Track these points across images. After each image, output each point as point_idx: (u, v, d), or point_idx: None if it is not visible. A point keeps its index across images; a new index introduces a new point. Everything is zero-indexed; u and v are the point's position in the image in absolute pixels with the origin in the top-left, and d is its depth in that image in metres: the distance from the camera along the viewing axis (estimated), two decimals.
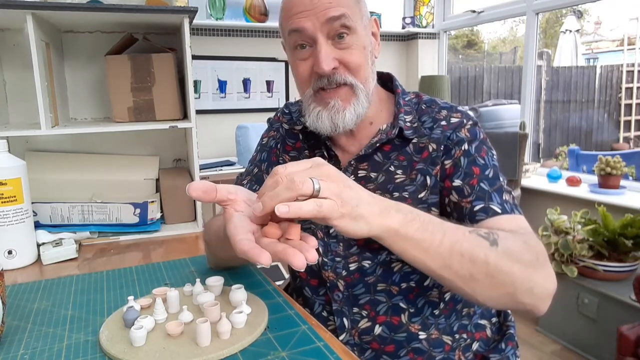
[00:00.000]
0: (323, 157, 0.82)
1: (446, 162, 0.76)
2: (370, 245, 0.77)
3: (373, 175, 0.79)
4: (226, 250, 0.74)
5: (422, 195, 0.76)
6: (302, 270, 0.47)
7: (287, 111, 0.93)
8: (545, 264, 0.65)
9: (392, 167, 0.78)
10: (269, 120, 0.97)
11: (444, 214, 0.76)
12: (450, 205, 0.75)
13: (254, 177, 0.89)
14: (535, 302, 0.65)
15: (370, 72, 0.78)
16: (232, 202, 0.57)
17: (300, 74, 0.77)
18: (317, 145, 0.84)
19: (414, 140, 0.78)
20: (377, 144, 0.78)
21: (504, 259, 0.61)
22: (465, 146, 0.76)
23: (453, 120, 0.79)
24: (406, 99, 0.83)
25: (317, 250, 0.80)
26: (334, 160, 0.82)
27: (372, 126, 0.82)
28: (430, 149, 0.77)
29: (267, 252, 0.49)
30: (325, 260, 0.79)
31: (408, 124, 0.79)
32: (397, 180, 0.77)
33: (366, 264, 0.77)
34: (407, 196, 0.76)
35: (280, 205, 0.49)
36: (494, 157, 0.78)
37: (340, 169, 0.80)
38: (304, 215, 0.50)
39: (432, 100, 0.83)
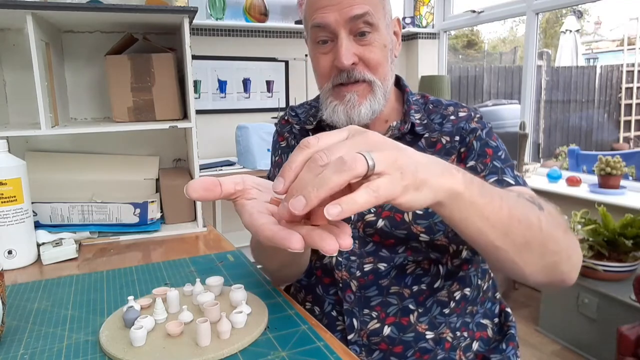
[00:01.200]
0: None
1: (462, 149, 0.78)
2: (386, 242, 0.77)
3: None
4: (271, 258, 0.69)
5: None
6: (334, 255, 0.39)
7: (293, 114, 0.94)
8: (572, 232, 0.65)
9: None
10: (275, 125, 0.96)
11: None
12: None
13: None
14: (570, 271, 0.63)
15: (389, 70, 0.79)
16: (241, 193, 0.49)
17: (320, 67, 0.78)
18: None
19: (425, 135, 0.80)
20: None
21: (552, 224, 0.58)
22: (478, 132, 0.78)
23: (461, 114, 0.81)
24: (413, 98, 0.85)
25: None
26: None
27: (387, 124, 0.83)
28: (444, 142, 0.79)
29: (297, 234, 0.41)
30: (340, 259, 0.78)
31: (418, 121, 0.81)
32: None
33: (382, 266, 0.77)
34: None
35: (330, 207, 0.38)
36: (503, 145, 0.80)
37: None
38: (359, 210, 0.39)
39: (438, 100, 0.86)
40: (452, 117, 0.81)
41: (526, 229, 0.55)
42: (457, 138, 0.79)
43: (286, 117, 0.94)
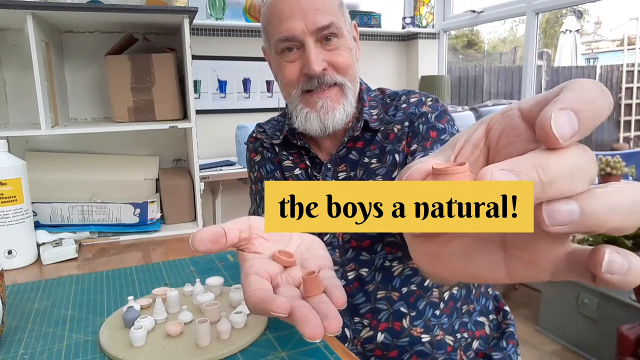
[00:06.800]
0: (307, 162, 0.84)
1: (410, 134, 0.78)
2: (362, 244, 0.77)
3: (353, 174, 0.80)
4: None
5: (394, 174, 0.77)
6: (317, 341, 0.34)
7: (261, 130, 0.93)
8: None
9: (366, 158, 0.79)
10: (245, 143, 0.96)
11: None
12: None
13: None
14: None
15: (357, 72, 0.80)
16: (246, 242, 0.45)
17: (287, 76, 0.77)
18: (299, 152, 0.86)
19: (381, 129, 0.80)
20: (347, 141, 0.80)
21: None
22: (428, 116, 0.78)
23: (412, 100, 0.81)
24: (372, 95, 0.85)
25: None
26: (318, 163, 0.83)
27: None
28: (396, 130, 0.79)
29: (283, 298, 0.36)
30: None
31: (375, 117, 0.81)
32: (372, 168, 0.78)
33: (364, 272, 0.77)
34: (380, 179, 0.77)
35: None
36: (455, 126, 0.79)
37: (320, 171, 0.81)
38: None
39: (395, 93, 0.86)
40: (404, 105, 0.81)
41: None
42: (407, 123, 0.78)
43: (254, 135, 0.94)
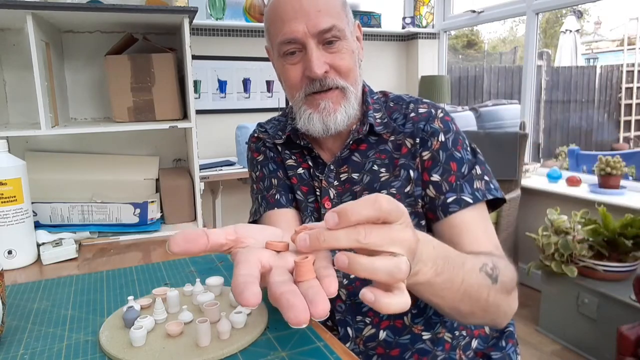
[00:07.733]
0: (310, 162, 0.85)
1: (424, 153, 0.77)
2: None
3: (355, 176, 0.80)
4: None
5: (407, 189, 0.77)
6: (301, 327, 0.36)
7: (263, 129, 0.93)
8: (516, 286, 0.68)
9: (375, 166, 0.79)
10: (247, 143, 0.96)
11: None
12: (426, 199, 0.77)
13: (280, 187, 0.86)
14: (502, 321, 0.69)
15: (358, 74, 0.80)
16: (234, 243, 0.47)
17: (291, 78, 0.77)
18: (302, 152, 0.86)
19: (391, 138, 0.80)
20: (351, 143, 0.80)
21: (500, 295, 0.63)
22: (442, 137, 0.77)
23: (421, 110, 0.80)
24: (374, 97, 0.85)
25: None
26: (320, 163, 0.84)
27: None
28: (409, 145, 0.79)
29: (257, 288, 0.38)
30: None
31: (378, 120, 0.81)
32: (383, 179, 0.78)
33: None
34: (394, 192, 0.77)
35: (340, 256, 0.39)
36: (468, 147, 0.79)
37: (324, 171, 0.81)
38: (376, 279, 0.40)
39: (399, 97, 0.85)
40: (412, 115, 0.80)
41: (475, 302, 0.59)
42: (418, 140, 0.78)
43: (256, 134, 0.94)
